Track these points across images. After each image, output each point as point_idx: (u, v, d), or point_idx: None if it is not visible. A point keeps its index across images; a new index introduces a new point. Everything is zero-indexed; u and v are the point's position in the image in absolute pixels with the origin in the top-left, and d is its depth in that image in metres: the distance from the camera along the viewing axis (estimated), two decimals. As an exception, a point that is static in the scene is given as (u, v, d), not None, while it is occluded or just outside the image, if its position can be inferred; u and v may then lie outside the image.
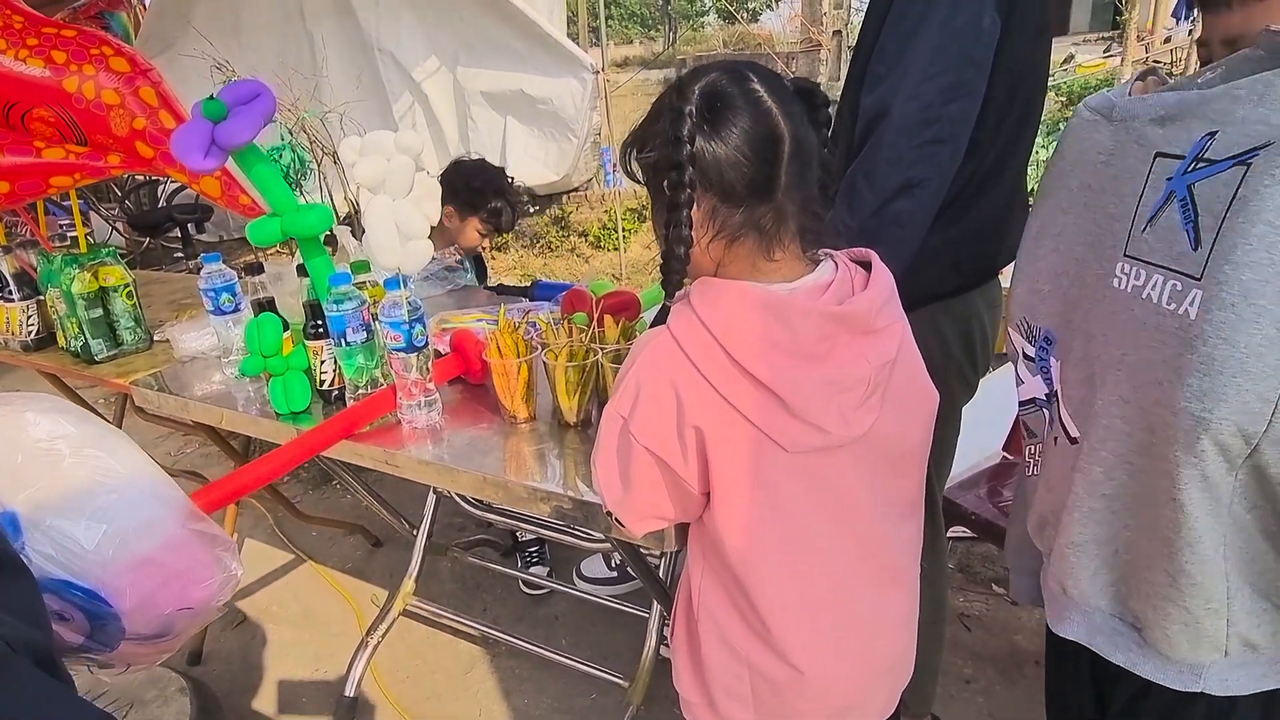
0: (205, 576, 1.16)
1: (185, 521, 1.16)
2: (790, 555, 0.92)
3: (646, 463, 0.88)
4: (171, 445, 3.36)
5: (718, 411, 0.84)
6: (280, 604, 2.37)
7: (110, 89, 1.58)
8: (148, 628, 1.10)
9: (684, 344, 0.85)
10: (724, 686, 1.00)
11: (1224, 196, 0.73)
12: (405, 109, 5.61)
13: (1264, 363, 0.72)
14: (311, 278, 1.42)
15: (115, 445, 1.15)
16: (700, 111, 0.81)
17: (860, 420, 0.88)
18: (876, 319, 0.88)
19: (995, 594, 2.20)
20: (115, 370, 1.86)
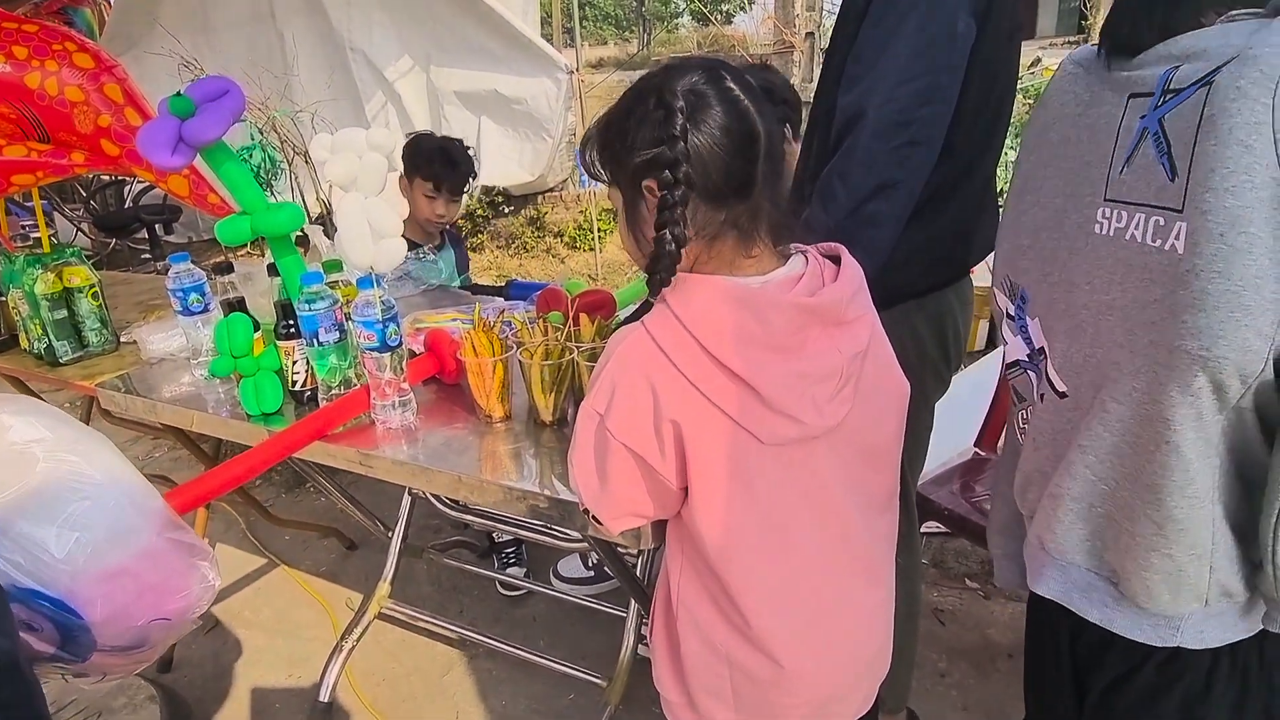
0: (182, 587, 1.13)
1: (162, 530, 1.14)
2: (769, 549, 0.92)
3: (624, 459, 0.88)
4: (140, 449, 3.30)
5: (694, 405, 0.85)
6: (253, 609, 2.34)
7: (74, 85, 1.55)
8: (121, 639, 1.07)
9: (659, 339, 0.85)
10: (704, 684, 1.00)
11: (1191, 121, 0.73)
12: (378, 109, 5.56)
13: (1260, 295, 0.70)
14: (283, 277, 1.40)
15: (92, 449, 1.12)
16: (689, 110, 0.82)
17: (834, 411, 0.89)
18: (847, 310, 0.89)
19: (969, 588, 2.22)
20: (81, 373, 1.83)
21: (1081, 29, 10.81)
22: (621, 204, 0.90)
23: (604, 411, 0.87)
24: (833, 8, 6.19)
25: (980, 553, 2.32)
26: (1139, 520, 0.85)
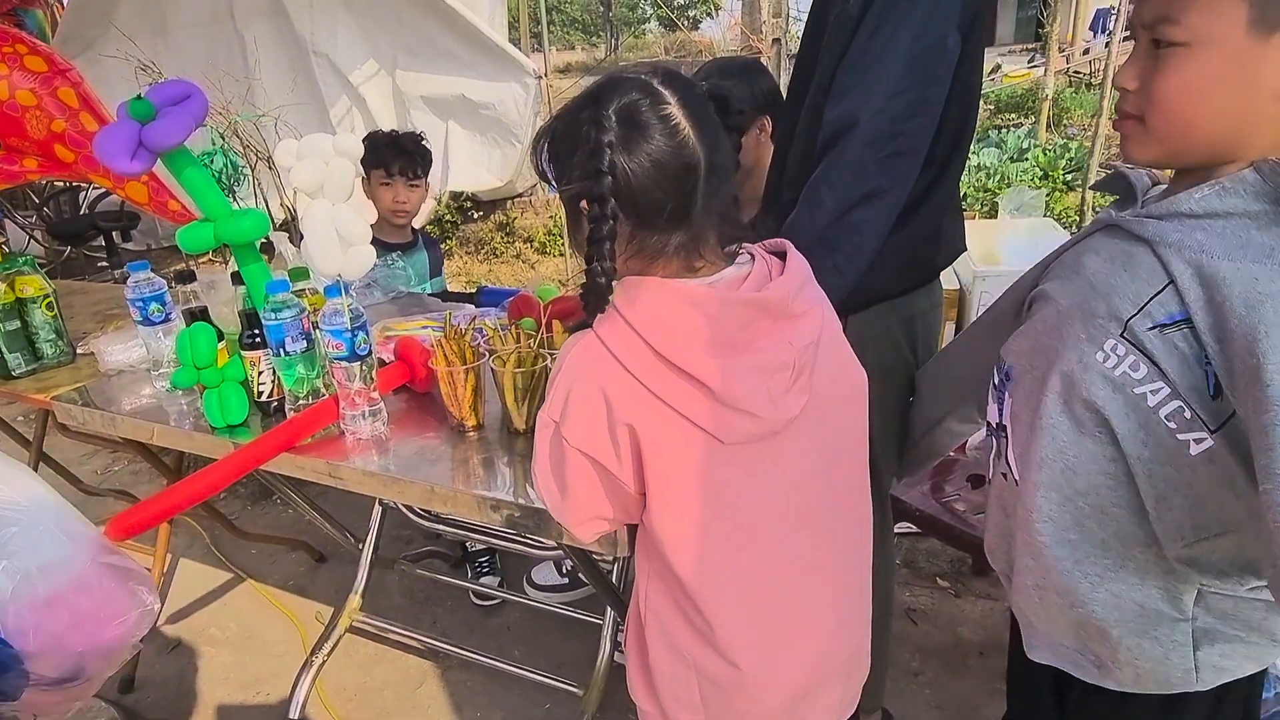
0: (119, 613, 1.09)
1: (96, 556, 1.10)
2: (733, 551, 0.92)
3: (581, 466, 0.87)
4: (98, 463, 3.21)
5: (648, 408, 0.84)
6: (218, 625, 2.28)
7: (26, 89, 1.50)
8: (55, 670, 1.03)
9: (609, 343, 0.85)
10: (673, 694, 0.99)
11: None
12: (343, 113, 5.48)
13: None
14: (248, 286, 1.37)
15: (13, 477, 1.08)
16: (619, 141, 0.80)
17: (790, 403, 0.89)
18: (795, 303, 0.89)
19: (940, 587, 2.25)
20: (35, 386, 1.76)
21: (1039, 36, 11.05)
22: (567, 218, 0.90)
23: (559, 419, 0.87)
24: (799, 14, 6.25)
25: (951, 552, 2.35)
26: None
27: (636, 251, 0.86)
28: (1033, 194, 4.29)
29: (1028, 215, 4.20)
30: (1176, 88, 0.78)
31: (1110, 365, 0.81)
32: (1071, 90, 9.44)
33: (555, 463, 0.90)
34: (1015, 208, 4.21)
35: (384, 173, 2.16)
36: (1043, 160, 6.04)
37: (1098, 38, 12.63)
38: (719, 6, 13.98)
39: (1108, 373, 0.81)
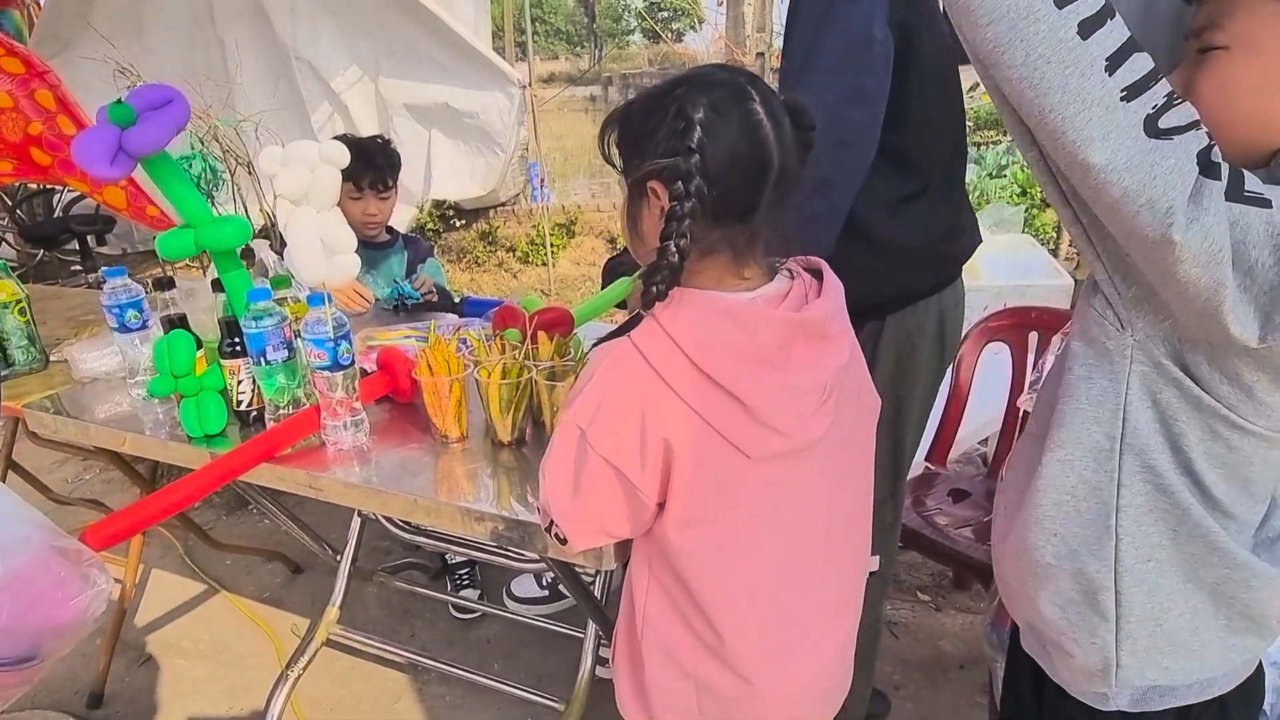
0: (74, 593, 1.09)
1: (48, 539, 1.10)
2: (748, 566, 0.92)
3: (601, 473, 0.87)
4: (69, 471, 3.14)
5: (682, 419, 0.84)
6: (191, 638, 2.23)
7: (2, 91, 1.47)
8: (14, 649, 1.02)
9: (646, 352, 0.85)
10: (668, 704, 0.99)
11: None
12: (324, 119, 5.44)
13: None
14: (228, 293, 1.35)
15: None
16: (706, 125, 0.81)
17: (818, 425, 0.90)
18: (830, 325, 0.91)
19: (921, 601, 2.26)
20: (5, 393, 1.72)
21: (1016, 55, 11.21)
22: (625, 197, 0.90)
23: (586, 425, 0.86)
24: (782, 29, 6.30)
25: (931, 565, 2.36)
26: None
27: (694, 242, 0.85)
28: (1012, 210, 4.35)
29: (1007, 231, 4.25)
30: (1214, 88, 0.79)
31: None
32: (1048, 108, 9.58)
33: (575, 467, 0.88)
34: (994, 223, 4.25)
35: (353, 187, 2.08)
36: (1021, 177, 6.12)
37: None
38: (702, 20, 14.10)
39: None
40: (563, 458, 0.89)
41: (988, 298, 3.55)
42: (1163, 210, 0.68)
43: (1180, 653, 0.87)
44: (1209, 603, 0.85)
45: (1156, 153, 0.69)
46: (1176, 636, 0.86)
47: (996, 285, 3.57)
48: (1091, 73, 0.68)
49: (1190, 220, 0.68)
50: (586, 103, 18.41)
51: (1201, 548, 0.83)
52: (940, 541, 1.88)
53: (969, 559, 1.80)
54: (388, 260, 2.24)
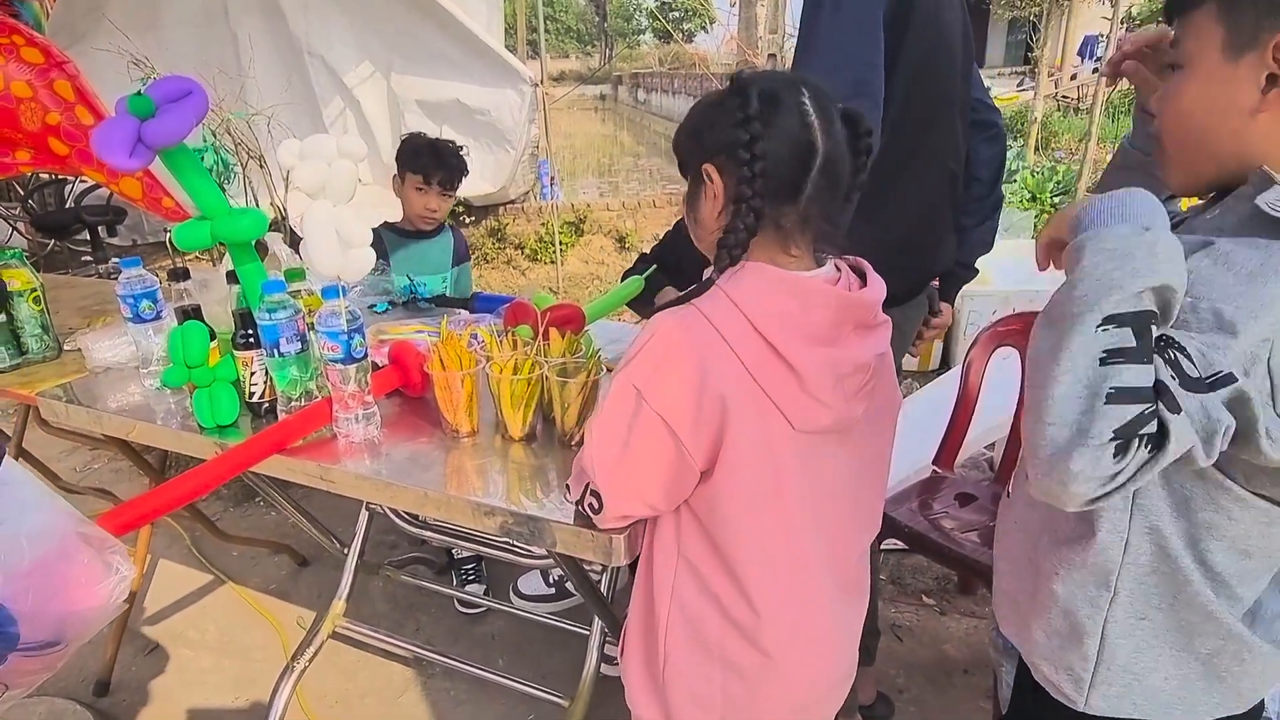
0: (97, 579, 1.09)
1: (72, 525, 1.10)
2: (780, 536, 0.94)
3: (654, 431, 0.88)
4: (77, 460, 3.16)
5: (740, 383, 0.87)
6: (197, 629, 2.24)
7: (21, 81, 1.48)
8: (39, 635, 1.03)
9: (711, 316, 0.88)
10: (691, 692, 1.00)
11: None
12: (336, 114, 5.46)
13: None
14: (243, 285, 1.36)
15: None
16: (759, 114, 0.86)
17: (857, 404, 0.94)
18: (877, 314, 0.96)
19: (925, 605, 2.25)
20: (19, 380, 1.73)
21: (1028, 60, 11.21)
22: (688, 189, 0.96)
23: (642, 384, 0.88)
24: (793, 30, 6.31)
25: (936, 569, 2.36)
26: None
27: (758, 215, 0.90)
28: (1022, 215, 4.34)
29: (1016, 236, 4.25)
30: (1173, 108, 0.83)
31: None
32: (1060, 114, 9.58)
33: (626, 423, 0.90)
34: (1004, 229, 4.25)
35: (421, 179, 2.18)
36: (1031, 182, 6.11)
37: (1085, 63, 12.84)
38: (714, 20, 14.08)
39: None
40: (615, 415, 0.91)
41: (996, 302, 3.55)
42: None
43: (1155, 705, 0.88)
44: (1200, 674, 0.86)
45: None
46: (1156, 696, 0.87)
47: (1005, 290, 3.57)
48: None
49: (1207, 455, 0.69)
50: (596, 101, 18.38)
51: (1199, 616, 0.84)
52: (946, 545, 1.88)
53: (974, 563, 1.80)
54: (434, 247, 2.31)
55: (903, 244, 1.43)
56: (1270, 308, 0.70)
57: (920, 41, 1.30)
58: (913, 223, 1.44)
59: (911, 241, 1.46)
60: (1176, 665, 0.86)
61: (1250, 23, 0.75)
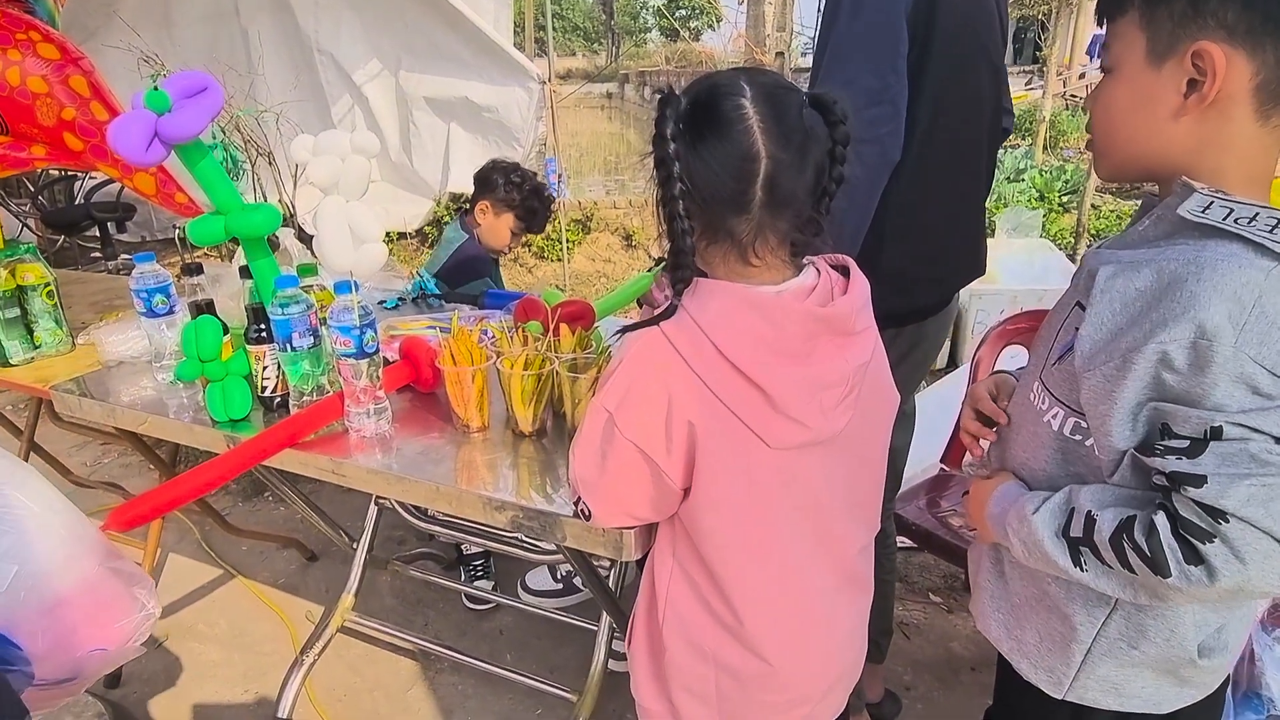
0: (121, 616, 1.10)
1: (102, 560, 1.10)
2: (765, 549, 0.94)
3: (628, 456, 0.89)
4: (88, 455, 3.18)
5: (707, 406, 0.86)
6: (207, 622, 2.26)
7: (37, 76, 1.50)
8: (58, 672, 1.03)
9: (675, 341, 0.87)
10: (686, 687, 1.01)
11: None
12: (344, 111, 5.47)
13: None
14: (256, 280, 1.37)
15: (26, 481, 1.08)
16: (684, 116, 0.84)
17: (838, 418, 0.91)
18: (855, 321, 0.92)
19: (932, 602, 2.25)
20: (32, 374, 1.75)
21: (1037, 59, 11.16)
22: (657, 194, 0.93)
23: (614, 409, 0.89)
24: (801, 28, 6.29)
25: (944, 567, 2.36)
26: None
27: (701, 231, 0.88)
28: (1030, 214, 4.33)
29: (1025, 235, 4.24)
30: (1100, 110, 0.87)
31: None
32: (1068, 113, 9.53)
33: (602, 448, 0.91)
34: (1012, 227, 4.24)
35: (523, 225, 2.29)
36: (1039, 181, 6.10)
37: (1094, 62, 12.80)
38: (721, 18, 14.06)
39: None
40: (591, 439, 0.92)
41: (1004, 301, 3.54)
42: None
43: (1128, 702, 0.92)
44: (1175, 685, 0.91)
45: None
46: (1131, 700, 0.91)
47: (1013, 289, 3.57)
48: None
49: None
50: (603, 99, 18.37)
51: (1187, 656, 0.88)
52: (954, 543, 1.88)
53: (983, 561, 1.80)
54: (497, 269, 2.44)
55: (940, 253, 1.42)
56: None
57: (949, 45, 1.26)
58: (948, 232, 1.42)
59: (949, 250, 1.45)
60: (1156, 686, 0.90)
61: (1168, 31, 0.77)
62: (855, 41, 1.20)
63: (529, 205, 2.26)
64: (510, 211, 2.25)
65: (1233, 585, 0.72)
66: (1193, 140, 0.79)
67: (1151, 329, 0.74)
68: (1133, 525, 0.76)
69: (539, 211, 2.29)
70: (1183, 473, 0.73)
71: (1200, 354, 0.71)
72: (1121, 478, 0.81)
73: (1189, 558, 0.73)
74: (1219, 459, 0.71)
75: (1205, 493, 0.71)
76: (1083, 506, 0.81)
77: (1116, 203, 6.16)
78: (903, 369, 1.41)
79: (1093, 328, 0.80)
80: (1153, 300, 0.75)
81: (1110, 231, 5.61)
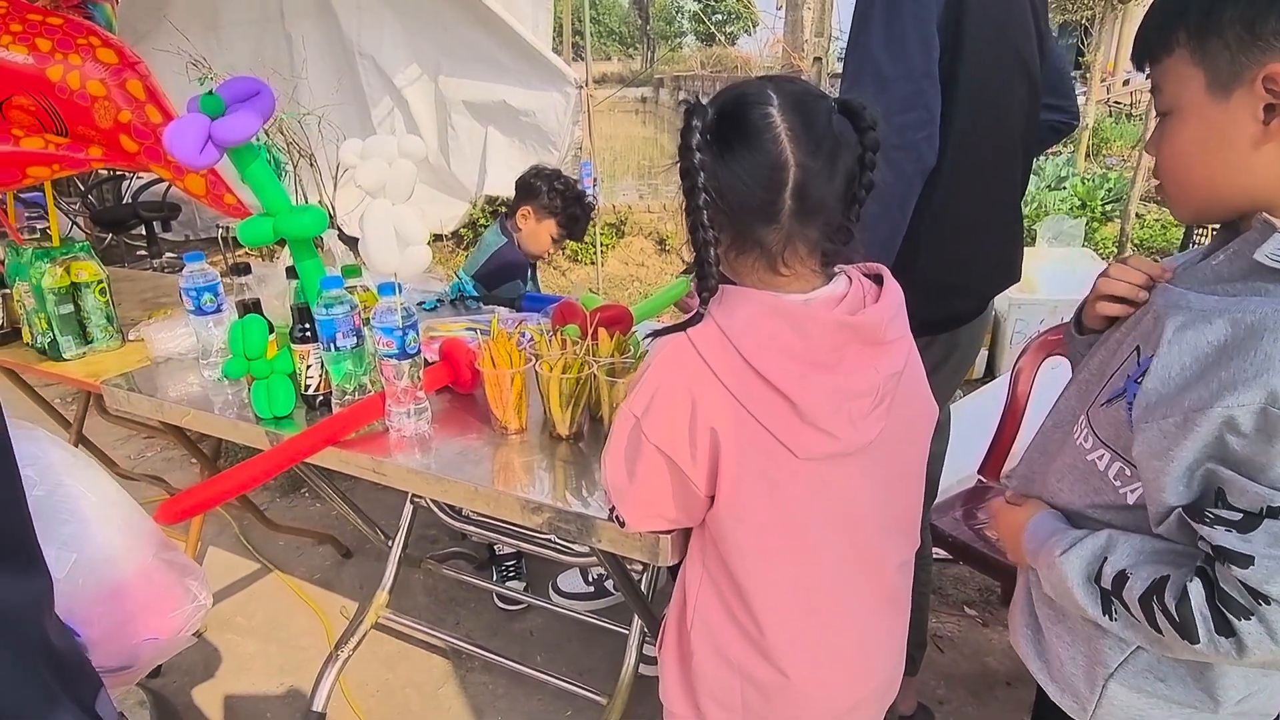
0: (174, 606, 1.12)
1: (156, 550, 1.13)
2: (791, 562, 0.93)
3: (655, 461, 0.89)
4: (132, 448, 3.26)
5: (732, 414, 0.86)
6: (244, 615, 2.30)
7: (96, 80, 1.54)
8: (114, 659, 1.05)
9: (701, 348, 0.87)
10: (713, 695, 1.01)
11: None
12: (385, 114, 5.55)
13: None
14: (302, 280, 1.39)
15: (87, 473, 1.12)
16: (710, 127, 0.83)
17: (868, 428, 0.90)
18: (887, 330, 0.90)
19: (967, 616, 2.22)
20: (84, 369, 1.80)
21: (1079, 64, 10.96)
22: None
23: (640, 414, 0.89)
24: (840, 33, 6.25)
25: (979, 579, 2.32)
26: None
27: (730, 241, 0.87)
28: (1073, 223, 4.25)
29: (1066, 245, 4.16)
30: (1168, 154, 0.83)
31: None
32: (1112, 120, 9.35)
33: (630, 453, 0.91)
34: (1053, 236, 4.17)
35: (564, 232, 2.32)
36: (1081, 190, 5.98)
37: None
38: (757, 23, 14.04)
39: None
40: (620, 445, 0.92)
41: (1044, 311, 3.48)
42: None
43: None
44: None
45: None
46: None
47: (1054, 299, 3.50)
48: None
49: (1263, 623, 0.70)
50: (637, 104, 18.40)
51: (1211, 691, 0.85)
52: (990, 555, 1.85)
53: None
54: (534, 273, 2.47)
55: (973, 260, 1.40)
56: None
57: (980, 51, 1.25)
58: (982, 239, 1.41)
59: (982, 257, 1.43)
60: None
61: (1227, 61, 0.74)
62: (887, 48, 1.19)
63: (571, 212, 2.29)
64: (553, 218, 2.28)
65: (1262, 660, 0.71)
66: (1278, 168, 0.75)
67: (1220, 389, 0.70)
68: (1164, 588, 0.74)
69: (580, 219, 2.32)
70: (1230, 550, 0.70)
71: (1270, 423, 0.68)
72: (1167, 530, 0.79)
73: (1221, 629, 0.71)
74: (1271, 539, 0.68)
75: (1250, 574, 0.69)
76: (1117, 562, 0.80)
77: (1161, 212, 6.02)
78: (937, 378, 1.39)
79: (1158, 381, 0.76)
80: (1224, 357, 0.72)
81: (1155, 242, 5.48)
